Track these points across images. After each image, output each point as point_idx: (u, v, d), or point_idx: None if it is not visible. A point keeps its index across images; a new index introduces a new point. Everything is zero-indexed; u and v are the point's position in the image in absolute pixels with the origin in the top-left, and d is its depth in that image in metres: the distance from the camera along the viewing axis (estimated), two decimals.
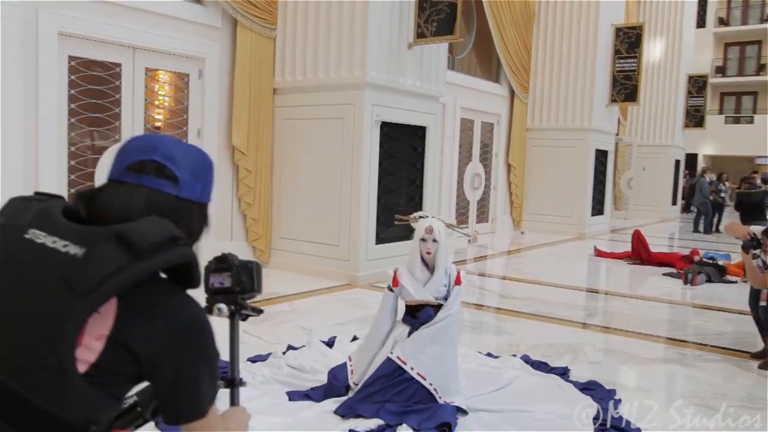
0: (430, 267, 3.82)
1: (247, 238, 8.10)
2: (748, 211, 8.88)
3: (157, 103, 7.22)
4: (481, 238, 12.27)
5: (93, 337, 0.96)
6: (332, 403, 3.67)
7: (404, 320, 3.90)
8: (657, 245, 11.38)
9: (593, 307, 6.98)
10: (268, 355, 4.51)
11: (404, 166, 8.23)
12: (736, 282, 8.62)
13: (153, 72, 7.06)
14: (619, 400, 3.96)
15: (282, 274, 7.67)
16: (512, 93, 13.51)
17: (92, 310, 0.94)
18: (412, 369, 3.60)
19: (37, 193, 1.12)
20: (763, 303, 4.84)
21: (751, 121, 28.57)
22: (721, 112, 29.71)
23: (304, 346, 4.73)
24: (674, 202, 19.72)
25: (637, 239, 10.21)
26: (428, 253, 3.76)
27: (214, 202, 1.23)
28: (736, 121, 29.02)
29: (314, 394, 3.82)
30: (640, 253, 10.11)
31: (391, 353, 3.66)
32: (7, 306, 0.94)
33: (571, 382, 4.34)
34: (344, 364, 3.98)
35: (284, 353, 4.53)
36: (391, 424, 3.40)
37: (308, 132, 7.93)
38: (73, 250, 0.96)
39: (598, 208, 14.11)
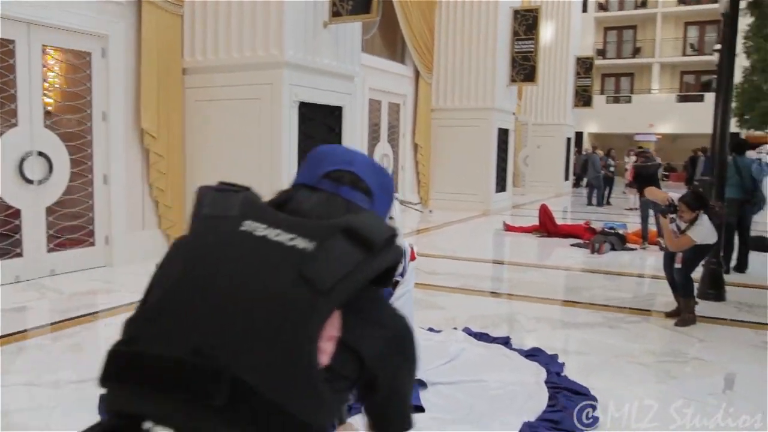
0: None
1: (160, 226, 7.71)
2: (645, 182, 9.50)
3: (57, 85, 6.67)
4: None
5: (326, 338, 0.88)
6: None
7: None
8: (558, 219, 11.98)
9: (515, 279, 7.24)
10: None
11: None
12: (635, 249, 9.24)
13: (51, 50, 6.51)
14: (563, 364, 4.16)
15: None
16: (417, 74, 13.67)
17: (334, 308, 0.87)
18: None
19: (222, 183, 1.05)
20: (677, 265, 5.21)
21: (629, 100, 30.60)
22: (602, 92, 31.57)
23: None
24: (567, 178, 20.80)
25: (544, 213, 10.68)
26: None
27: (124, 189, 1.13)
28: (616, 100, 30.96)
29: None
30: (547, 226, 10.59)
31: None
32: (233, 299, 0.85)
33: (515, 350, 4.50)
34: None
35: None
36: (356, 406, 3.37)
37: (222, 114, 7.63)
38: (302, 244, 0.89)
39: (501, 185, 14.62)
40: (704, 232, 5.10)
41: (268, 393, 0.81)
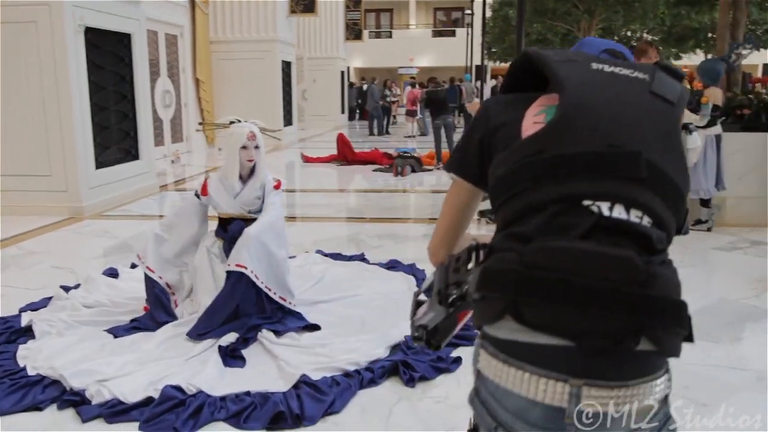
0: (245, 177, 3.56)
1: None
2: (436, 106, 10.15)
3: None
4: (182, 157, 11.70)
5: None
6: (171, 329, 3.30)
7: (217, 233, 3.64)
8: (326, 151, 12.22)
9: (339, 204, 7.36)
10: (46, 300, 3.77)
11: (113, 79, 7.29)
12: (432, 170, 9.91)
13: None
14: (423, 270, 4.39)
15: None
16: (193, 3, 12.73)
17: (681, 114, 1.24)
18: (252, 273, 3.37)
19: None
20: None
21: (390, 35, 31.95)
22: (365, 27, 32.46)
23: (79, 284, 4.07)
24: (343, 111, 21.30)
25: (342, 141, 10.90)
26: (250, 161, 3.49)
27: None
28: (378, 35, 32.10)
29: (143, 325, 3.38)
30: (345, 155, 10.83)
31: (229, 265, 3.35)
32: (620, 112, 1.16)
33: (374, 264, 4.63)
34: (157, 286, 3.53)
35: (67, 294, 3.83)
36: (248, 337, 3.22)
37: None
38: (640, 75, 1.21)
39: (288, 119, 14.51)
40: None
41: (665, 169, 1.14)
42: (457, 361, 2.99)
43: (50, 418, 2.55)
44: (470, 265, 1.25)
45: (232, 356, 3.03)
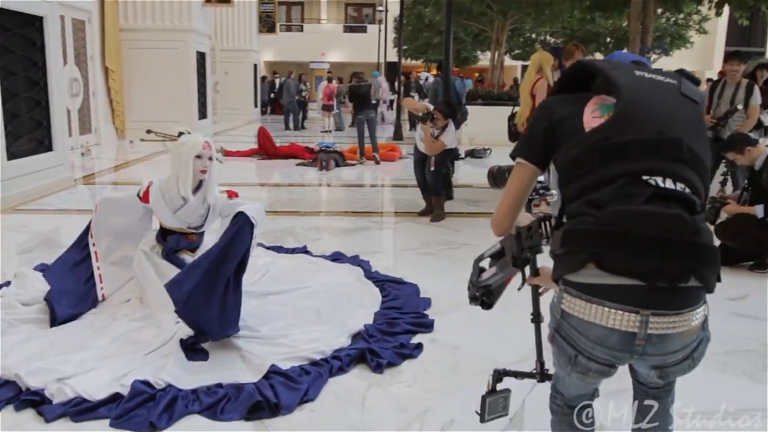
0: (193, 188, 3.41)
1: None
2: (359, 100, 10.22)
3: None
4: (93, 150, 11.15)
5: None
6: (124, 324, 3.20)
7: (157, 238, 3.55)
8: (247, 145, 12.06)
9: (270, 197, 7.24)
10: None
11: (24, 64, 6.85)
12: (355, 164, 9.97)
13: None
14: (368, 261, 4.46)
15: None
16: None
17: (704, 110, 1.82)
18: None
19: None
20: (432, 168, 5.87)
21: (301, 29, 31.70)
22: (278, 20, 32.02)
23: (9, 281, 3.84)
24: (256, 105, 20.94)
25: (264, 135, 10.75)
26: (203, 171, 3.38)
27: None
28: (289, 29, 31.74)
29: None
30: (266, 149, 10.70)
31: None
32: (664, 108, 1.52)
33: (318, 256, 4.65)
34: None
35: None
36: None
37: None
38: (671, 81, 1.56)
39: (202, 112, 14.12)
40: (451, 137, 5.83)
41: (698, 151, 1.49)
42: (419, 347, 3.09)
43: (9, 419, 2.42)
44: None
45: (193, 350, 2.98)
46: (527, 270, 1.71)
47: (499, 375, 1.90)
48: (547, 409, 1.80)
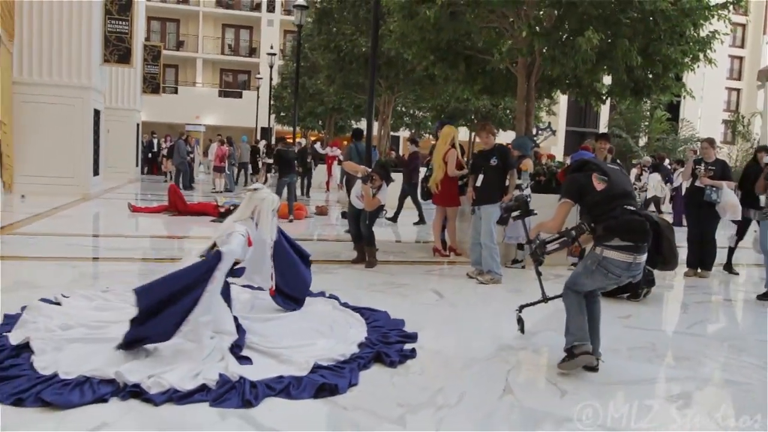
0: None
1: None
2: (284, 164, 10.90)
3: None
4: None
5: None
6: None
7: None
8: (154, 202, 12.32)
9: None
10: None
11: None
12: (285, 221, 10.53)
13: None
14: (337, 296, 5.23)
15: None
16: None
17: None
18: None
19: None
20: (367, 222, 6.80)
21: (175, 91, 31.79)
22: (163, 81, 31.86)
23: (20, 312, 4.19)
24: (137, 164, 20.77)
25: (174, 193, 11.12)
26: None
27: None
28: (162, 90, 31.65)
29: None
30: (177, 206, 11.04)
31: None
32: (627, 186, 3.88)
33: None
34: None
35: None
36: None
37: None
38: (617, 166, 4.27)
39: (95, 169, 14.08)
40: (385, 195, 6.82)
41: (633, 195, 3.97)
42: (413, 351, 3.95)
43: (12, 418, 2.82)
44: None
45: (237, 356, 3.61)
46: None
47: (521, 308, 3.89)
48: (528, 377, 2.80)
